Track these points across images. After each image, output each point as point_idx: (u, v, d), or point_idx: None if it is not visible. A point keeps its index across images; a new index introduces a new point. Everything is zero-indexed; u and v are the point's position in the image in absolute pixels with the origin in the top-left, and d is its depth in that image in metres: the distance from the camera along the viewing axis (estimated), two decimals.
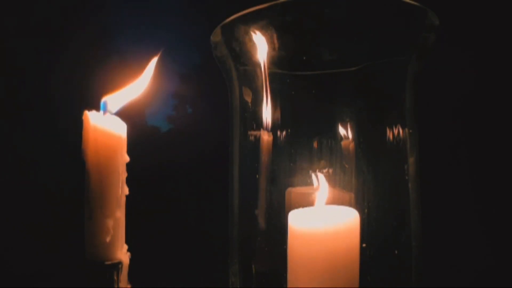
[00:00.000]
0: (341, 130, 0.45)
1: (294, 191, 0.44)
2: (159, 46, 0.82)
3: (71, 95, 0.72)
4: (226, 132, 0.49)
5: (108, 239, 0.33)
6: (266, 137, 0.46)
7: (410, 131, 0.44)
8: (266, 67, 0.45)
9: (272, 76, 0.46)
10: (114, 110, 0.35)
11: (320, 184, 0.40)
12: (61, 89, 0.74)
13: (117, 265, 0.34)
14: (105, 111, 0.35)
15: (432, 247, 0.48)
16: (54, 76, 0.75)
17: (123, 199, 0.35)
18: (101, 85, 0.37)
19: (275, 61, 0.45)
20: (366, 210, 0.43)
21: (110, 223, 0.33)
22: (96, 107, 0.35)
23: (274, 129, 0.45)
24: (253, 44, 0.44)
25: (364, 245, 0.35)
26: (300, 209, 0.33)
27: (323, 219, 0.31)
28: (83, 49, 0.75)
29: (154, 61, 0.37)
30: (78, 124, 0.34)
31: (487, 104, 0.70)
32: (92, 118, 0.33)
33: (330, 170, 0.44)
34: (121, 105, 0.36)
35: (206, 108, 0.84)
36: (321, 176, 0.41)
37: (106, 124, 0.34)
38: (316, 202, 0.35)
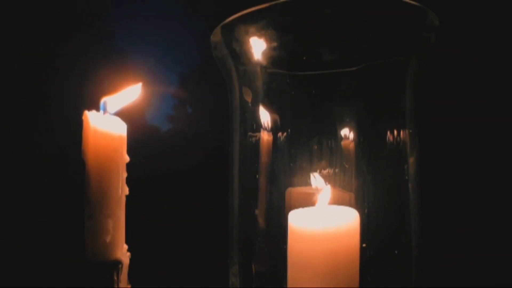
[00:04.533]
0: (341, 130, 0.45)
1: (294, 191, 0.44)
2: (158, 45, 0.82)
3: (71, 95, 0.72)
4: (226, 132, 0.49)
5: (108, 239, 0.33)
6: (266, 137, 0.46)
7: (410, 131, 0.44)
8: (266, 67, 0.45)
9: (272, 76, 0.46)
10: (113, 110, 0.36)
11: (321, 186, 0.40)
12: (61, 89, 0.74)
13: (117, 265, 0.34)
14: (104, 111, 0.35)
15: (432, 247, 0.48)
16: (54, 75, 0.75)
17: (123, 199, 0.35)
18: (101, 85, 0.37)
19: (275, 61, 0.45)
20: (366, 210, 0.43)
21: (110, 223, 0.33)
22: (96, 107, 0.35)
23: (274, 129, 0.45)
24: (253, 44, 0.44)
25: (364, 245, 0.35)
26: (300, 209, 0.32)
27: (323, 219, 0.31)
28: (83, 49, 0.75)
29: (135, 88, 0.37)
30: (78, 124, 0.34)
31: (488, 103, 0.70)
32: (92, 118, 0.34)
33: (330, 170, 0.44)
34: (120, 107, 0.36)
35: (206, 108, 0.84)
36: (322, 175, 0.41)
37: (106, 124, 0.34)
38: (318, 203, 0.35)
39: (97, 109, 0.35)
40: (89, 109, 0.34)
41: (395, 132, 0.44)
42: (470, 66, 0.70)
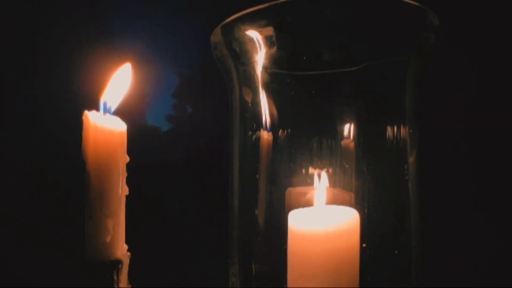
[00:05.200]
0: (341, 130, 0.45)
1: (294, 191, 0.44)
2: (158, 45, 0.82)
3: (71, 94, 0.72)
4: (226, 132, 0.49)
5: (108, 239, 0.33)
6: (266, 137, 0.46)
7: (410, 130, 0.44)
8: (266, 67, 0.45)
9: (272, 76, 0.46)
10: (113, 108, 0.36)
11: (319, 184, 0.40)
12: (61, 89, 0.74)
13: (117, 265, 0.34)
14: (105, 111, 0.35)
15: (432, 247, 0.48)
16: (53, 75, 0.75)
17: (123, 199, 0.35)
18: (100, 84, 0.37)
19: (275, 61, 0.45)
20: (366, 210, 0.43)
21: (110, 223, 0.33)
22: (95, 107, 0.35)
23: (274, 129, 0.45)
24: (253, 44, 0.44)
25: (364, 245, 0.35)
26: (300, 209, 0.33)
27: (323, 220, 0.31)
28: (82, 49, 0.75)
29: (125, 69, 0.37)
30: (78, 124, 0.34)
31: (487, 103, 0.70)
32: (92, 118, 0.34)
33: (330, 170, 0.44)
34: (118, 101, 0.36)
35: (206, 108, 0.84)
36: (323, 175, 0.41)
37: (106, 124, 0.34)
38: (315, 202, 0.35)
39: (97, 109, 0.35)
40: (89, 109, 0.34)
41: (395, 131, 0.44)
42: (470, 66, 0.70)
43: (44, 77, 0.75)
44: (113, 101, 0.36)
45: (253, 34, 0.43)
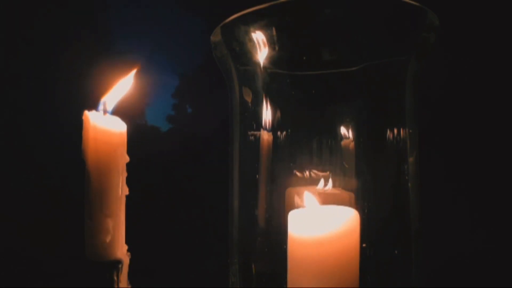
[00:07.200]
0: (341, 130, 0.45)
1: (294, 191, 0.44)
2: (159, 45, 0.82)
3: (71, 95, 0.72)
4: (226, 132, 0.49)
5: (108, 239, 0.33)
6: (266, 137, 0.46)
7: (410, 131, 0.44)
8: (266, 67, 0.45)
9: (272, 76, 0.46)
10: (112, 106, 0.35)
11: (320, 184, 0.40)
12: (61, 89, 0.74)
13: (117, 265, 0.34)
14: (104, 111, 0.35)
15: (432, 247, 0.48)
16: (54, 76, 0.75)
17: (123, 199, 0.35)
18: (101, 85, 0.37)
19: (275, 61, 0.45)
20: (366, 210, 0.43)
21: (110, 223, 0.33)
22: (96, 107, 0.35)
23: (274, 129, 0.45)
24: (253, 44, 0.44)
25: (364, 245, 0.35)
26: (300, 210, 0.32)
27: (323, 223, 0.31)
28: (82, 49, 0.75)
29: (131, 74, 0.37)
30: (78, 124, 0.34)
31: (487, 103, 0.70)
32: (92, 118, 0.34)
33: (330, 170, 0.44)
34: (117, 100, 0.36)
35: (206, 108, 0.84)
36: (323, 175, 0.41)
37: (106, 124, 0.34)
38: (315, 203, 0.34)
39: (97, 109, 0.35)
40: (89, 109, 0.34)
41: (395, 132, 0.44)
42: (470, 66, 0.70)
43: (46, 78, 0.75)
44: (112, 100, 0.36)
45: (253, 34, 0.43)
